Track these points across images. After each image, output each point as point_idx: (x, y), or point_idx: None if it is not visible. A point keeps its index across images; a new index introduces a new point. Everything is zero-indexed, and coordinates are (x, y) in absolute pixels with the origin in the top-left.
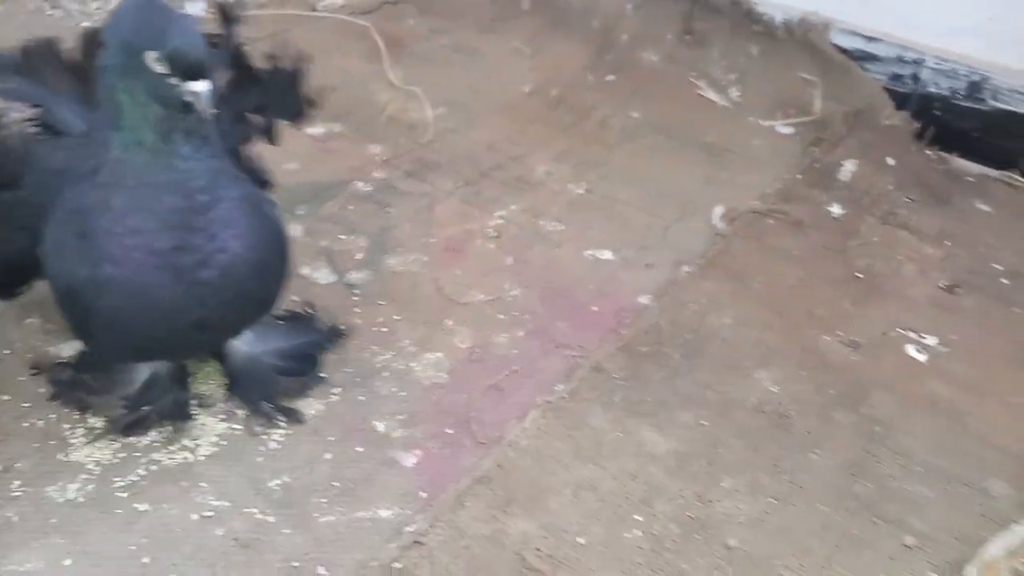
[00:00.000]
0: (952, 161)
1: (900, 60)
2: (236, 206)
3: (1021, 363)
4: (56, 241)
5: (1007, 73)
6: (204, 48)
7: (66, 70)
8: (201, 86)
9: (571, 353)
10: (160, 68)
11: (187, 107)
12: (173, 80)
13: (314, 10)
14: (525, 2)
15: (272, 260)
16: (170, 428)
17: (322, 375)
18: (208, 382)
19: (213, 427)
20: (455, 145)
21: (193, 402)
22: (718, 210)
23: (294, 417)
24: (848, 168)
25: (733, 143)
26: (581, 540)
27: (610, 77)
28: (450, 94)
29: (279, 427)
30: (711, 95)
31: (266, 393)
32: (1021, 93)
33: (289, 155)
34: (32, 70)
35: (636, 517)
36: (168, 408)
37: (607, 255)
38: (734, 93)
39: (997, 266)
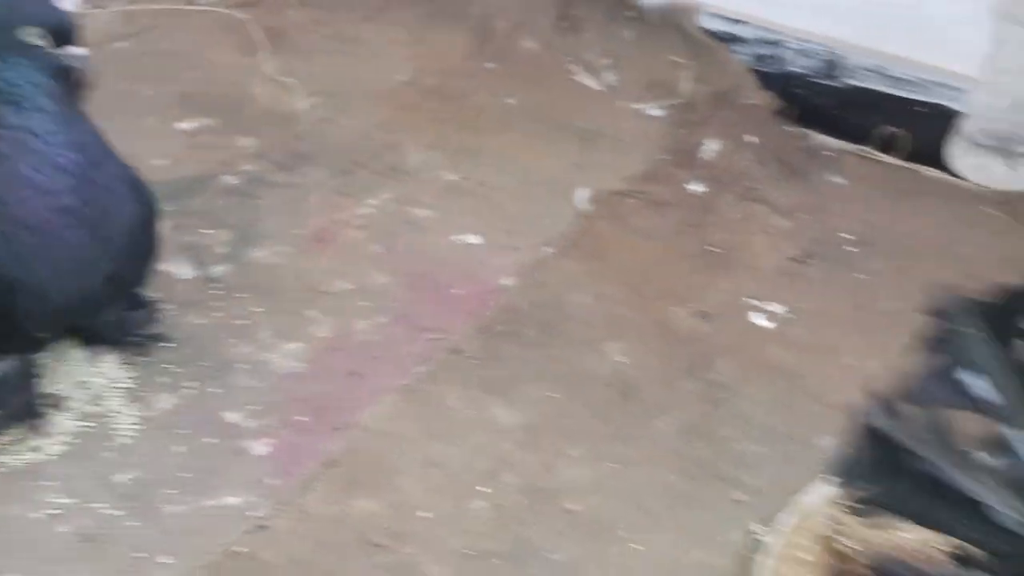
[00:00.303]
0: (812, 137)
1: (763, 41)
2: (118, 164)
3: (859, 326)
4: None
5: (860, 52)
6: (71, 15)
7: None
8: (80, 51)
9: (432, 336)
10: (39, 40)
11: (69, 72)
12: (53, 50)
13: (191, 3)
14: None
15: (154, 211)
16: (22, 428)
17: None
18: (57, 383)
19: (64, 426)
20: (329, 135)
21: (43, 401)
22: (583, 193)
23: (160, 338)
24: (711, 147)
25: (605, 127)
26: (426, 515)
27: (489, 65)
28: (327, 84)
29: (155, 351)
30: (586, 80)
31: (125, 331)
32: (872, 71)
33: (158, 151)
34: None
35: (482, 489)
36: (19, 409)
37: (475, 240)
38: (609, 78)
39: (845, 235)
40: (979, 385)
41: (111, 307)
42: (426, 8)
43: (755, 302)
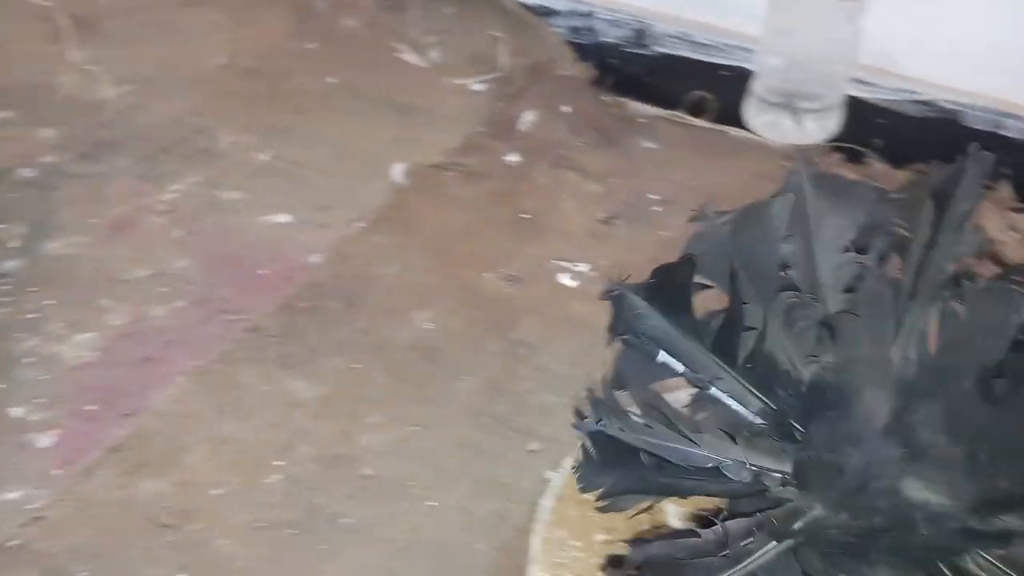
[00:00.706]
0: (627, 105)
1: (576, 13)
2: None
3: None
4: None
5: (665, 20)
6: None
7: None
8: None
9: (231, 318)
10: None
11: None
12: None
13: None
14: None
15: None
16: None
17: None
18: None
19: None
20: (137, 123)
21: None
22: (399, 167)
23: None
24: (527, 119)
25: (426, 103)
26: (217, 492)
27: (310, 45)
28: (139, 71)
29: None
30: (410, 57)
31: None
32: (678, 38)
33: None
34: None
35: (276, 463)
36: None
37: (284, 219)
38: (432, 55)
39: (652, 196)
40: (664, 357)
41: None
42: None
43: (562, 263)
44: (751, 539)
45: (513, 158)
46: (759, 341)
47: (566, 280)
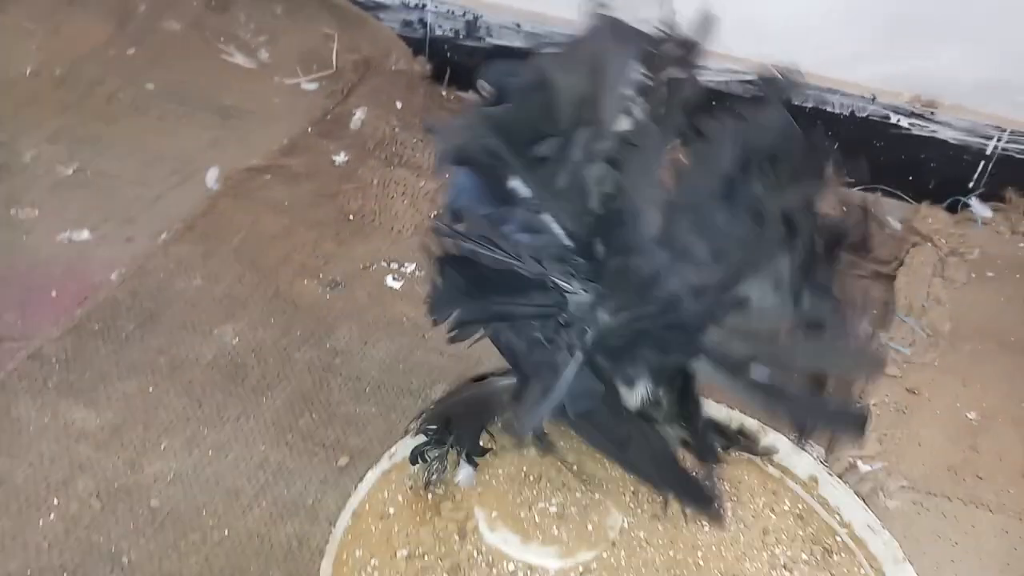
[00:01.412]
0: (465, 99)
1: (406, 7)
2: None
3: None
4: None
5: (495, 10)
6: None
7: None
8: None
9: (12, 345)
10: None
11: None
12: None
13: None
14: None
15: None
16: None
17: None
18: None
19: None
20: None
21: None
22: (213, 172)
23: None
24: (358, 116)
25: (252, 105)
26: None
27: (130, 50)
28: None
29: None
30: (238, 59)
31: None
32: (509, 28)
33: None
34: None
35: (52, 501)
36: None
37: (84, 235)
38: (263, 55)
39: None
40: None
41: None
42: None
43: (389, 264)
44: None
45: (341, 157)
46: (569, 172)
47: (391, 282)
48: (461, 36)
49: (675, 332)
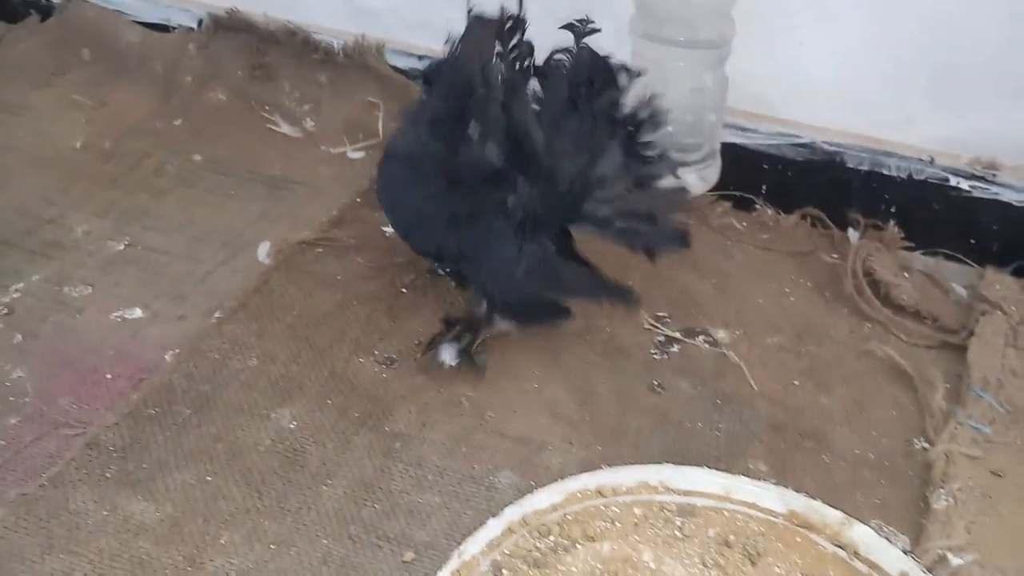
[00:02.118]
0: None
1: None
2: None
3: (545, 349)
4: None
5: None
6: None
7: None
8: None
9: (69, 432)
10: None
11: None
12: None
13: None
14: (85, 52)
15: None
16: None
17: None
18: None
19: None
20: None
21: None
22: (264, 246)
23: None
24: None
25: (299, 175)
26: None
27: (176, 122)
28: None
29: None
30: (284, 128)
31: None
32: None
33: None
34: None
35: None
36: None
37: (137, 313)
38: (308, 124)
39: None
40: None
41: None
42: (107, 68)
43: (443, 339)
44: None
45: (391, 228)
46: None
47: (447, 358)
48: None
49: (568, 206)
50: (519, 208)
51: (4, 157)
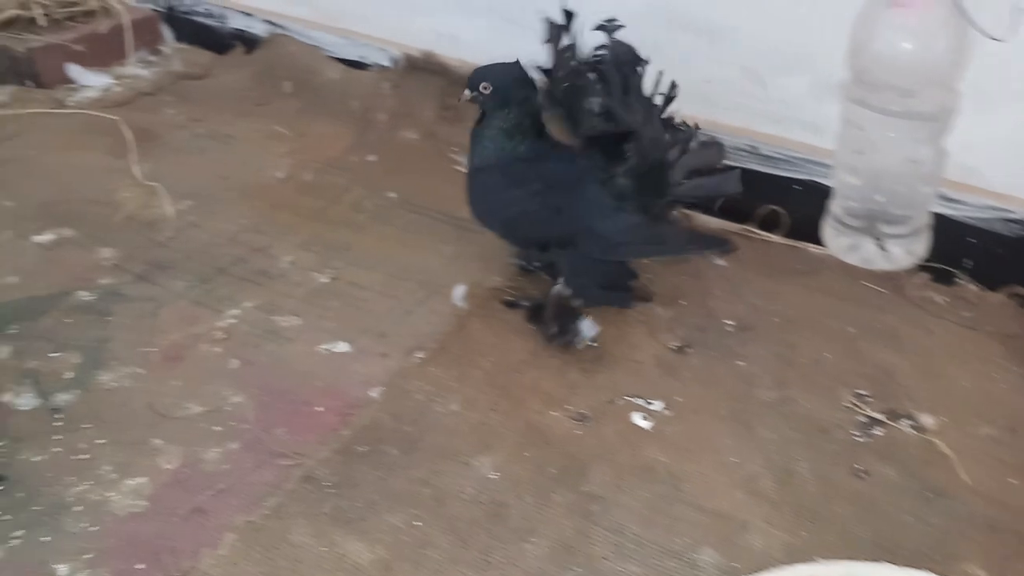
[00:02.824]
0: (694, 218)
1: None
2: None
3: (738, 419)
4: None
5: (732, 132)
6: None
7: None
8: None
9: (286, 463)
10: None
11: None
12: None
13: (62, 106)
14: (287, 85)
15: None
16: None
17: None
18: None
19: None
20: (195, 241)
21: None
22: (460, 289)
23: None
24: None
25: None
26: None
27: (371, 157)
28: (198, 185)
29: None
30: None
31: None
32: (745, 150)
33: (9, 267)
34: None
35: None
36: None
37: (343, 347)
38: None
39: (727, 321)
40: None
41: None
42: (306, 102)
43: (634, 400)
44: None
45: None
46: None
47: (639, 420)
48: None
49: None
50: (620, 183)
51: (216, 185)
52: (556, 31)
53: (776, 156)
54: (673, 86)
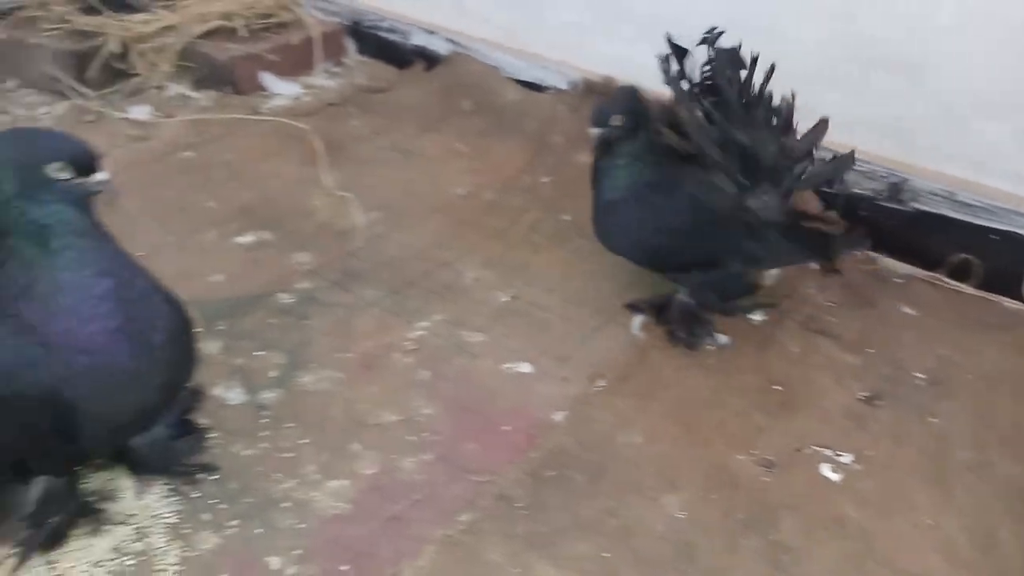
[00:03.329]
0: (880, 261)
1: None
2: (147, 278)
3: (933, 478)
4: (11, 369)
5: (925, 175)
6: (93, 147)
7: None
8: (103, 175)
9: (477, 479)
10: (63, 173)
11: (94, 198)
12: (79, 179)
13: (257, 113)
14: (466, 103)
15: (186, 314)
16: (88, 528)
17: (202, 426)
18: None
19: (106, 563)
20: (384, 252)
21: (93, 499)
22: (638, 319)
23: (207, 468)
24: (770, 272)
25: None
26: None
27: (545, 179)
28: (384, 197)
29: (200, 482)
30: None
31: (173, 459)
32: (938, 195)
33: (215, 266)
34: None
35: None
36: (76, 510)
37: (526, 368)
38: None
39: (918, 374)
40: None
41: (167, 414)
42: (485, 121)
43: (821, 450)
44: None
45: (756, 315)
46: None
47: (828, 472)
48: (883, 197)
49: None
50: (755, 200)
51: (402, 199)
52: (669, 60)
53: (973, 203)
54: (793, 97)
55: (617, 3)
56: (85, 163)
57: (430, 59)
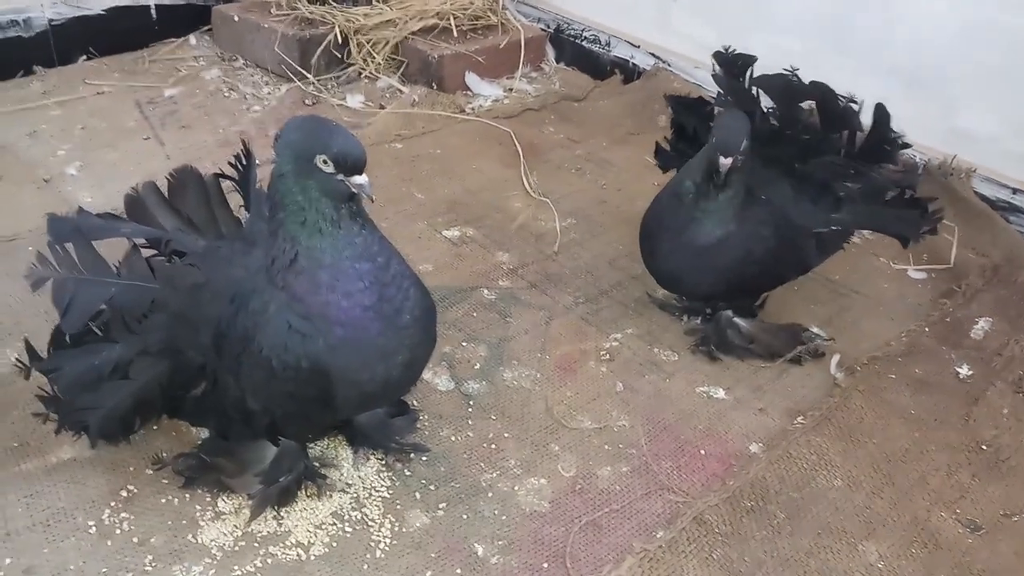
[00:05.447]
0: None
1: None
2: (400, 263)
3: None
4: (275, 339)
5: None
6: (362, 148)
7: (168, 206)
8: (362, 179)
9: (674, 498)
10: (329, 167)
11: (352, 196)
12: (340, 176)
13: (462, 112)
14: (663, 118)
15: (431, 302)
16: (312, 491)
17: (415, 408)
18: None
19: (326, 526)
20: (578, 258)
21: (317, 465)
22: (836, 359)
23: (419, 448)
24: (981, 326)
25: (860, 284)
26: None
27: None
28: (578, 205)
29: (411, 461)
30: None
31: (389, 435)
32: None
33: (425, 256)
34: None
35: None
36: (304, 473)
37: (720, 394)
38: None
39: None
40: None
41: (407, 389)
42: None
43: None
44: None
45: (964, 370)
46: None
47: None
48: None
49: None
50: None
51: (595, 208)
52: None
53: None
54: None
55: (839, 32)
56: (346, 163)
57: (628, 72)
